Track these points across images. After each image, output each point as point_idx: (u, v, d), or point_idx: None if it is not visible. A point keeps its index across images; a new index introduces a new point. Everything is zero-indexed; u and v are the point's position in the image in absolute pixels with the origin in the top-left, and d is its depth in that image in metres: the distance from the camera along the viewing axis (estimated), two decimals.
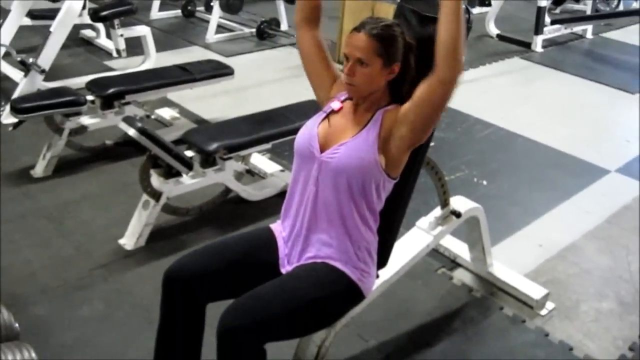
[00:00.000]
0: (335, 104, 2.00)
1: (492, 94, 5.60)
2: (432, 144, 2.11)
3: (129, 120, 2.91)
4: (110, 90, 3.71)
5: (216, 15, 6.36)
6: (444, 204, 2.60)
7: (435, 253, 3.13)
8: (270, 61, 6.00)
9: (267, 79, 5.49)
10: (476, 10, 7.94)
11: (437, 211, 2.63)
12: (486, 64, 6.33)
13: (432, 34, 1.81)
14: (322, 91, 2.09)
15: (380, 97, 1.93)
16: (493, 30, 7.26)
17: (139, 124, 2.88)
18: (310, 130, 1.97)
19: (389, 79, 1.90)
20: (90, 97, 3.69)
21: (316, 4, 2.06)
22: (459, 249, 3.11)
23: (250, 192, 3.48)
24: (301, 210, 1.96)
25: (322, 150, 1.91)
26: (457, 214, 2.61)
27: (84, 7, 4.96)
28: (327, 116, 1.99)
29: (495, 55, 6.61)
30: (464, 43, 1.71)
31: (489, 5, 7.78)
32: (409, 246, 2.47)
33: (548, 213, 3.71)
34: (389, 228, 2.11)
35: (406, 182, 2.06)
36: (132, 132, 2.86)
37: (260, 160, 3.81)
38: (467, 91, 5.50)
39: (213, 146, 3.12)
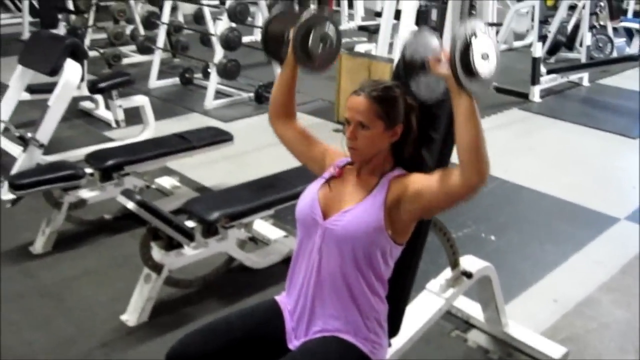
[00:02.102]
0: (333, 170, 1.95)
1: (493, 146, 5.41)
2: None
3: (128, 193, 2.86)
4: (109, 163, 3.68)
5: (214, 82, 6.40)
6: (454, 264, 2.52)
7: (448, 314, 3.03)
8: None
9: (267, 142, 5.40)
10: None
11: (448, 272, 2.55)
12: (485, 117, 6.31)
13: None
14: (315, 167, 2.06)
15: (383, 160, 1.88)
16: None
17: (138, 197, 2.83)
18: (311, 197, 1.91)
19: (392, 141, 1.86)
20: (89, 170, 3.65)
21: (291, 101, 2.08)
22: (472, 309, 3.01)
23: (254, 259, 3.40)
24: (305, 281, 1.88)
25: (324, 217, 1.85)
26: (468, 275, 2.53)
27: (82, 80, 4.98)
28: (327, 181, 1.94)
29: (494, 108, 6.62)
30: (485, 142, 1.65)
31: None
32: (421, 311, 2.39)
33: (560, 266, 3.62)
34: (399, 295, 2.03)
35: (414, 246, 1.99)
36: (130, 205, 2.80)
37: (263, 226, 3.74)
38: None
39: (214, 215, 3.06)
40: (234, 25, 6.23)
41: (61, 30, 7.90)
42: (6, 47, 8.97)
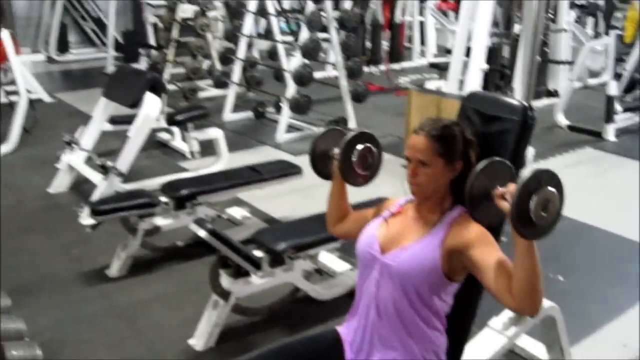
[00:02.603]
0: (393, 208, 2.02)
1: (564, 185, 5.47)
2: (503, 239, 2.06)
3: (200, 222, 2.99)
4: (183, 192, 3.84)
5: (285, 116, 6.56)
6: None
7: (510, 353, 3.00)
8: None
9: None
10: (544, 101, 7.93)
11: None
12: (556, 155, 6.24)
13: (494, 131, 1.81)
14: None
15: (443, 196, 1.93)
16: (562, 121, 7.20)
17: (209, 226, 2.95)
18: (370, 233, 1.99)
19: (451, 178, 1.90)
20: (163, 199, 3.82)
21: (344, 210, 2.25)
22: (536, 349, 2.97)
23: (319, 291, 3.46)
24: (365, 313, 1.94)
25: (383, 252, 1.91)
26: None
27: (160, 112, 5.22)
28: (386, 220, 2.00)
29: (566, 146, 6.52)
30: (541, 278, 1.67)
31: (557, 95, 7.76)
32: (482, 348, 2.38)
33: (630, 309, 3.52)
34: (459, 330, 2.05)
35: (474, 282, 2.01)
36: (202, 233, 2.93)
37: (329, 258, 3.81)
38: None
39: (281, 246, 3.14)
40: (306, 61, 6.40)
41: (142, 64, 8.28)
42: (91, 80, 9.48)
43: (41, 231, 4.40)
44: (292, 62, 6.76)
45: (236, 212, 4.54)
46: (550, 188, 1.60)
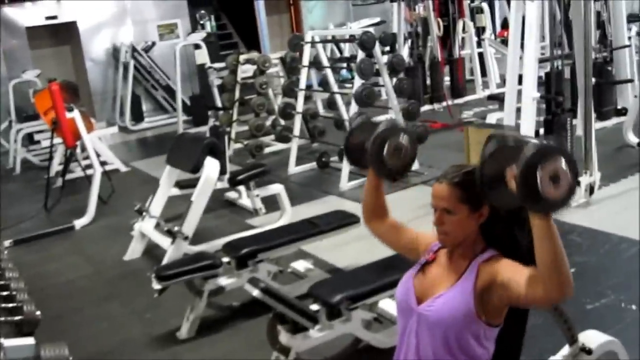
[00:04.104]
0: (428, 255, 2.04)
1: (634, 208, 5.28)
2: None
3: (253, 281, 3.08)
4: (243, 252, 3.95)
5: (347, 164, 6.63)
6: (572, 340, 2.46)
7: None
8: (402, 202, 6.06)
9: (399, 220, 5.55)
10: (613, 120, 7.71)
11: (566, 349, 2.49)
12: (628, 177, 6.01)
13: None
14: (412, 255, 2.15)
15: (474, 241, 1.93)
16: (632, 139, 6.95)
17: (262, 284, 3.03)
18: (406, 283, 2.01)
19: (479, 223, 1.91)
20: (225, 259, 3.94)
21: (381, 204, 2.21)
22: None
23: (381, 339, 3.46)
24: None
25: (419, 302, 1.93)
26: (588, 351, 2.45)
27: (225, 173, 5.41)
28: (422, 267, 2.02)
29: (638, 166, 6.29)
30: (566, 258, 1.64)
31: (625, 114, 7.52)
32: None
33: None
34: None
35: (514, 324, 2.00)
36: (256, 292, 3.01)
37: (389, 305, 3.80)
38: (607, 208, 5.26)
39: (337, 298, 3.18)
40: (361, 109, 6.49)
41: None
42: (164, 146, 9.87)
43: (117, 298, 4.62)
44: (351, 110, 6.86)
45: (300, 265, 4.60)
46: (557, 160, 1.56)
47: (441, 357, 1.86)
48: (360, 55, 6.53)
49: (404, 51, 10.23)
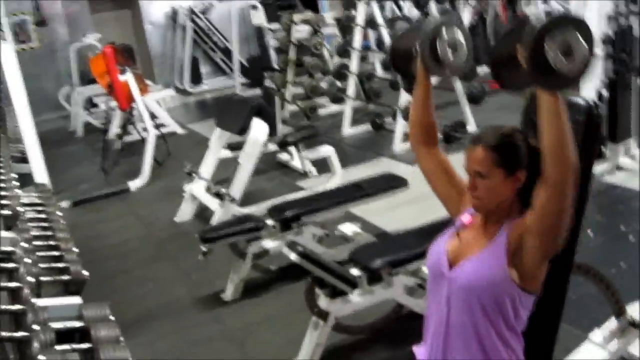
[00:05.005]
0: (465, 217, 1.93)
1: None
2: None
3: (292, 245, 3.03)
4: (287, 214, 3.90)
5: (400, 125, 6.50)
6: (619, 313, 2.32)
7: None
8: (456, 165, 5.94)
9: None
10: None
11: (613, 322, 2.35)
12: None
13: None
14: (451, 206, 2.04)
15: (510, 207, 1.83)
16: None
17: (300, 248, 2.98)
18: (438, 248, 1.92)
19: (515, 188, 1.80)
20: (269, 222, 3.91)
21: (429, 122, 2.03)
22: None
23: (424, 306, 3.36)
24: (436, 332, 1.90)
25: (451, 268, 1.84)
26: (637, 325, 2.31)
27: (275, 134, 5.37)
28: (458, 231, 1.92)
29: None
30: (572, 142, 1.58)
31: None
32: None
33: None
34: (541, 350, 1.92)
35: (552, 295, 1.88)
36: (293, 256, 2.97)
37: None
38: None
39: (377, 263, 3.10)
40: None
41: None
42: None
43: (166, 259, 4.67)
44: None
45: (347, 229, 4.53)
46: (568, 30, 1.44)
47: (473, 325, 1.79)
48: (415, 13, 6.33)
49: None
